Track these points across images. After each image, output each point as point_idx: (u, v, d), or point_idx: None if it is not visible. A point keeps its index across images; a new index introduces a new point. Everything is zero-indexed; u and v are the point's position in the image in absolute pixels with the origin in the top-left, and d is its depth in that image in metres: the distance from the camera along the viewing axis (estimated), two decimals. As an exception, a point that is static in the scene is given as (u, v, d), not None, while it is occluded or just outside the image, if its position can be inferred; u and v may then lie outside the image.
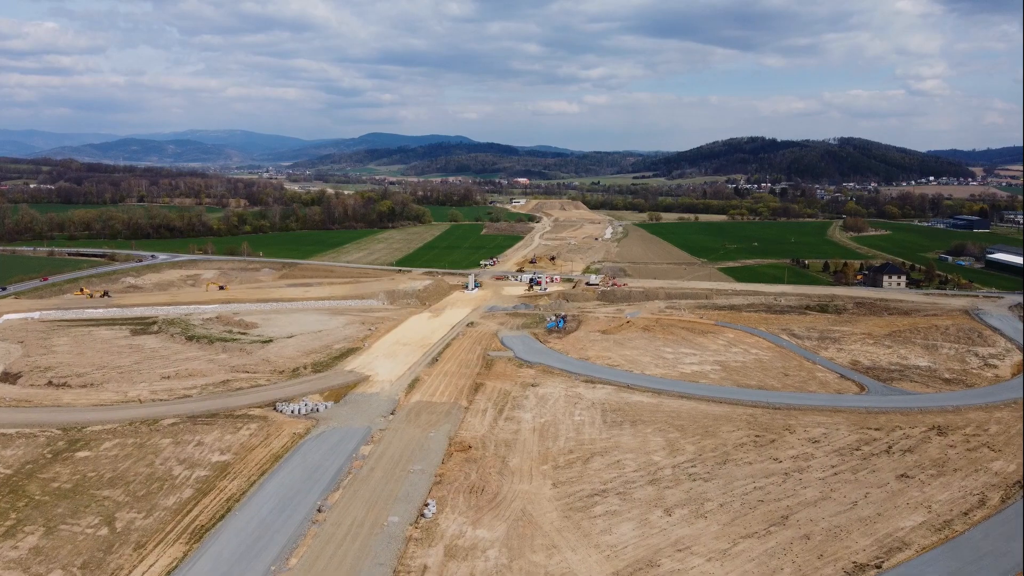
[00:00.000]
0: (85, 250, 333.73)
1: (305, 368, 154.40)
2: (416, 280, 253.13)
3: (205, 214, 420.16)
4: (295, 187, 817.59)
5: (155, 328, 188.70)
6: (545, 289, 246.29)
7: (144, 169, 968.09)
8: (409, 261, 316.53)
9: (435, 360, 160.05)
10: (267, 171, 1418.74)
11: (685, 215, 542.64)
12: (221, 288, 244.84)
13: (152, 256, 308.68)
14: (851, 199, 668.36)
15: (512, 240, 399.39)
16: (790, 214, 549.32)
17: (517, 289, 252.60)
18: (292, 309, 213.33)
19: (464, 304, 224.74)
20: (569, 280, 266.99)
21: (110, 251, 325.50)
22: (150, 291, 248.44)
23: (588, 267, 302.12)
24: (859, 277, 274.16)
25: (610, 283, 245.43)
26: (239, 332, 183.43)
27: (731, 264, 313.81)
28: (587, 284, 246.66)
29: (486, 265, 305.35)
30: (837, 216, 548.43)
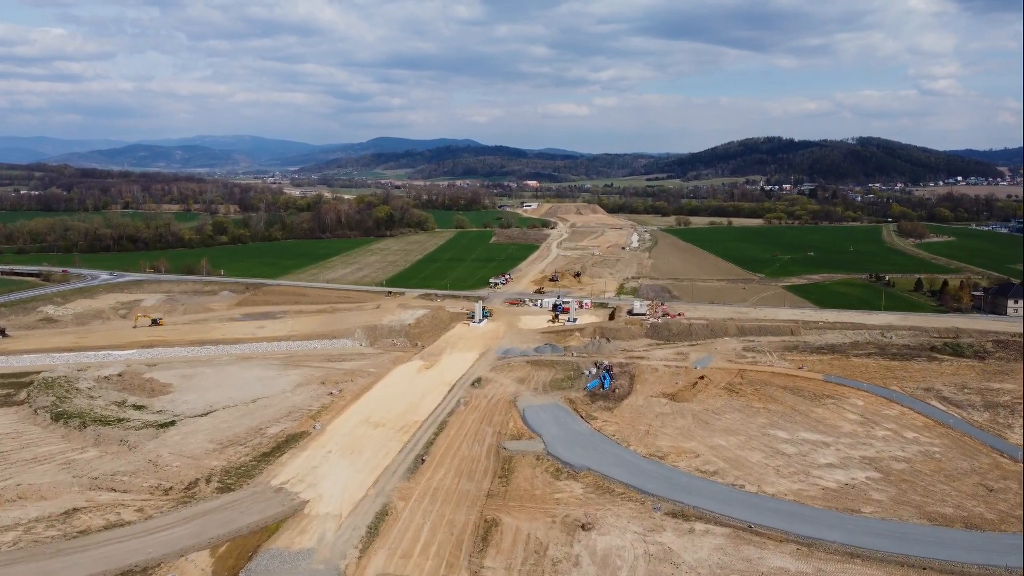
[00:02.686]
0: (23, 268, 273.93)
1: (208, 481, 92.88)
2: (408, 309, 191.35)
3: (174, 223, 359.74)
4: (295, 192, 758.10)
5: (24, 394, 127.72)
6: (574, 320, 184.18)
7: (139, 174, 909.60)
8: (404, 278, 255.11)
9: (421, 460, 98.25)
10: (272, 176, 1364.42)
11: (716, 219, 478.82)
12: (154, 322, 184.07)
13: (90, 276, 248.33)
14: (887, 200, 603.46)
15: (526, 250, 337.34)
16: (832, 218, 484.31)
17: (537, 319, 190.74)
18: (232, 357, 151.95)
19: (469, 344, 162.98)
20: (603, 305, 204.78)
21: (48, 269, 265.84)
22: (65, 326, 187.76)
23: (622, 286, 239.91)
24: (968, 300, 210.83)
25: (660, 312, 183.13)
26: (135, 404, 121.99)
27: (795, 280, 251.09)
28: (630, 314, 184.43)
29: (496, 284, 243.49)
30: (883, 219, 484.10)
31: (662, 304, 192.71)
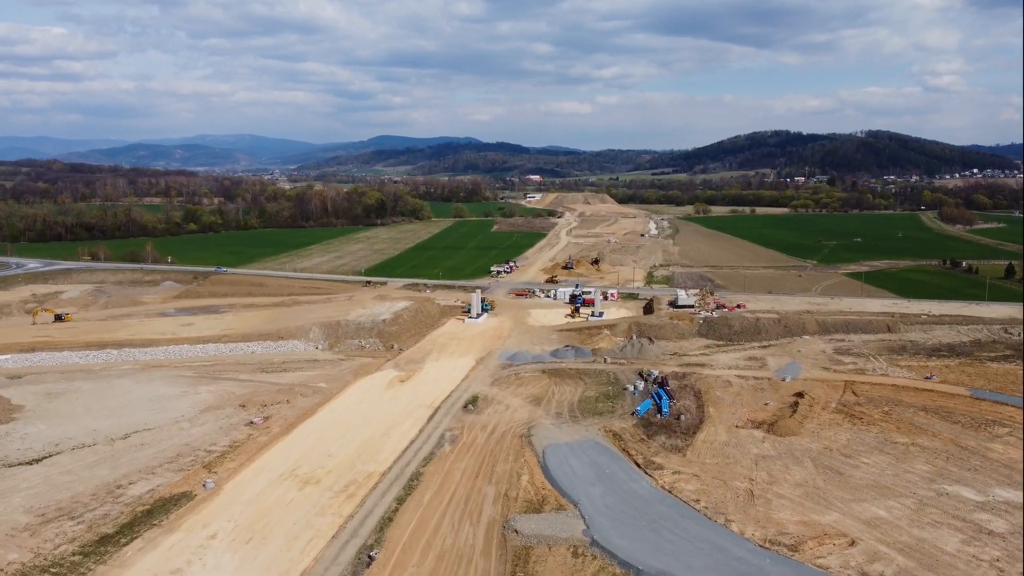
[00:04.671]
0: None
1: (-32, 606, 49.23)
2: (386, 301, 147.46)
3: (135, 210, 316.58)
4: (287, 186, 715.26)
5: None
6: (600, 315, 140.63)
7: (129, 169, 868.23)
8: (389, 267, 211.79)
9: (368, 558, 54.55)
10: (270, 173, 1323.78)
11: (738, 208, 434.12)
12: (58, 318, 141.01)
13: (15, 265, 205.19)
14: (911, 190, 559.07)
15: (532, 238, 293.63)
16: (862, 205, 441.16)
17: (552, 313, 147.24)
18: (134, 366, 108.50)
19: (463, 346, 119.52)
20: (633, 296, 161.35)
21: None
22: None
23: (650, 274, 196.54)
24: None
25: (713, 304, 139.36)
26: (-62, 442, 78.42)
27: (855, 267, 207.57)
28: (673, 306, 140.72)
29: (499, 273, 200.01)
30: (917, 207, 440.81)
31: (712, 293, 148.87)
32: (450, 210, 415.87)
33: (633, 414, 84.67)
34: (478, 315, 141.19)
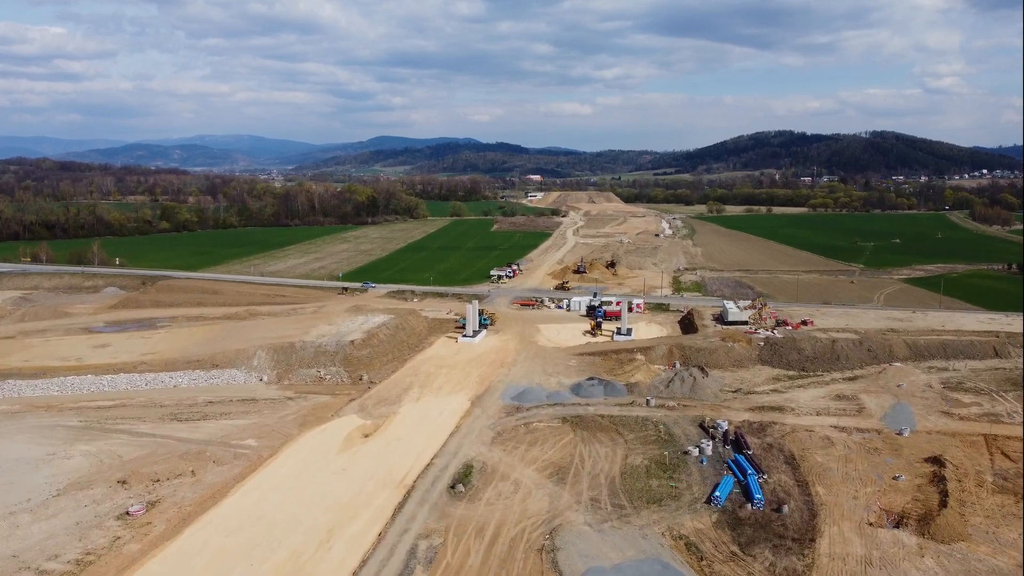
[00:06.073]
0: None
1: None
2: (360, 314, 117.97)
3: (100, 207, 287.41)
4: (279, 185, 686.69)
5: None
6: (629, 332, 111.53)
7: (119, 167, 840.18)
8: (374, 270, 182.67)
9: None
10: (268, 173, 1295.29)
11: (753, 207, 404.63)
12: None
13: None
14: (931, 189, 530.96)
15: (536, 238, 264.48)
16: (885, 204, 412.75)
17: (566, 329, 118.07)
18: (10, 406, 79.28)
19: (453, 379, 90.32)
20: (662, 307, 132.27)
21: None
22: None
23: (676, 279, 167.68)
24: None
25: (770, 319, 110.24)
26: None
27: (908, 272, 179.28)
28: (720, 322, 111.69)
29: (500, 278, 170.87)
30: (940, 207, 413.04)
31: (765, 304, 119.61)
32: (447, 209, 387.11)
33: (709, 501, 55.58)
34: (474, 332, 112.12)
